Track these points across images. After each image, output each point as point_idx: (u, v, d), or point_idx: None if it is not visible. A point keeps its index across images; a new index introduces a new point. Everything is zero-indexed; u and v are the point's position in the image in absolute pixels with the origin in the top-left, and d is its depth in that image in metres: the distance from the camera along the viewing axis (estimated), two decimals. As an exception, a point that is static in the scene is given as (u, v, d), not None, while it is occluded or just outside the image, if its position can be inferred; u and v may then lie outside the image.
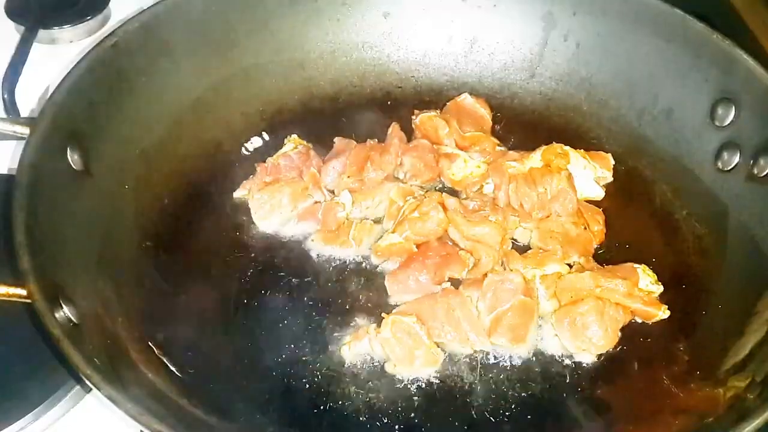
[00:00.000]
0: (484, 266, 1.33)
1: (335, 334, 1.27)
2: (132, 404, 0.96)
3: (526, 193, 1.40)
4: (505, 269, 1.34)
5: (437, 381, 1.23)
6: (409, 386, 1.22)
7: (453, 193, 1.45)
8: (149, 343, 1.20)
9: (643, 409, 1.20)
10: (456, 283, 1.32)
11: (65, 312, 1.05)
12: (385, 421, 1.18)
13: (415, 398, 1.21)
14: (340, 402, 1.20)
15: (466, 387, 1.23)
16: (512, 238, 1.40)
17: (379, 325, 1.25)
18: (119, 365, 1.08)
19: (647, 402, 1.21)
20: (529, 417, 1.20)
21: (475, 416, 1.19)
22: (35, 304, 1.01)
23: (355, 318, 1.29)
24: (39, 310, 1.00)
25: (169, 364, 1.19)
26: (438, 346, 1.25)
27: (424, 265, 1.31)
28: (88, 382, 0.97)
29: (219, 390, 1.19)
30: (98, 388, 0.96)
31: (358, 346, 1.24)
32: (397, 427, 1.17)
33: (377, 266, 1.37)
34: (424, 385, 1.22)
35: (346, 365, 1.24)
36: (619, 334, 1.27)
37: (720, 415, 1.11)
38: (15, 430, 1.19)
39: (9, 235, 1.06)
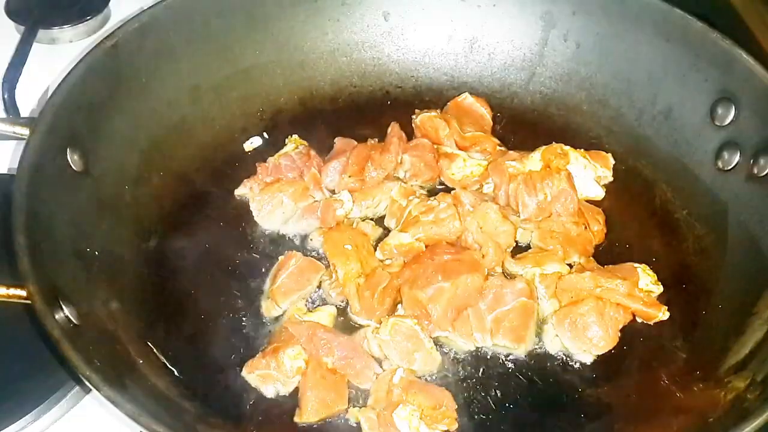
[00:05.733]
0: (488, 263, 1.33)
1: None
2: (131, 405, 0.96)
3: (525, 202, 1.40)
4: (504, 271, 1.34)
5: (437, 381, 1.23)
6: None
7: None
8: (149, 343, 1.20)
9: (643, 409, 1.20)
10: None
11: (65, 313, 1.05)
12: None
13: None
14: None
15: (466, 386, 1.23)
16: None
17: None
18: (119, 366, 1.08)
19: (647, 402, 1.21)
20: (529, 417, 1.20)
21: (475, 416, 1.19)
22: (35, 305, 1.01)
23: (356, 317, 1.30)
24: (39, 312, 1.00)
25: (168, 364, 1.19)
26: (439, 343, 1.26)
27: (437, 266, 1.30)
28: (87, 383, 0.98)
29: (219, 391, 1.19)
30: (98, 389, 0.96)
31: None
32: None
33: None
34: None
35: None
36: (619, 334, 1.27)
37: (720, 415, 1.11)
38: (15, 430, 1.19)
39: (9, 236, 1.06)
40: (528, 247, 1.40)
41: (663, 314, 1.28)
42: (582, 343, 1.24)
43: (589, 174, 1.46)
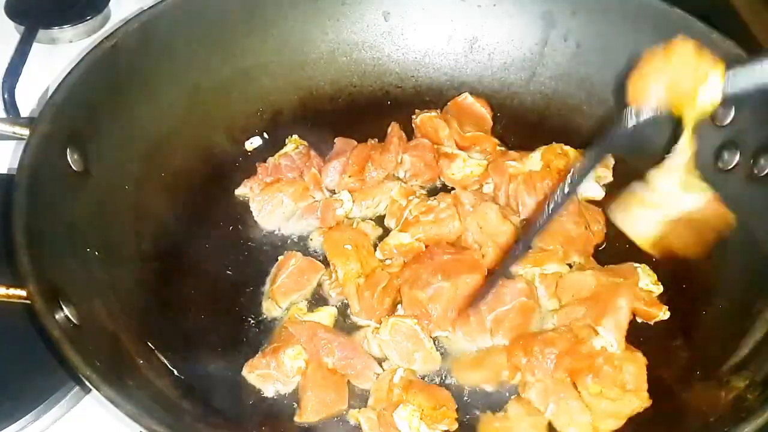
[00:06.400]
0: (488, 263, 1.33)
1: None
2: (131, 405, 0.96)
3: (525, 202, 1.40)
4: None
5: (436, 381, 1.23)
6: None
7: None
8: (149, 343, 1.20)
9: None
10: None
11: (65, 313, 1.05)
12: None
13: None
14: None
15: (466, 386, 1.23)
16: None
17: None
18: (119, 366, 1.08)
19: (647, 402, 1.21)
20: (529, 417, 1.20)
21: (474, 416, 1.19)
22: (35, 305, 1.01)
23: (356, 318, 1.30)
24: (39, 312, 1.00)
25: (168, 365, 1.19)
26: (439, 343, 1.26)
27: (437, 266, 1.30)
28: (87, 383, 0.98)
29: (219, 391, 1.19)
30: (98, 389, 0.96)
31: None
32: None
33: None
34: (424, 386, 1.22)
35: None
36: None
37: (720, 415, 1.10)
38: (15, 430, 1.19)
39: (9, 236, 1.06)
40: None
41: (663, 314, 1.28)
42: (582, 344, 1.24)
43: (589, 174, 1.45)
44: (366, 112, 1.59)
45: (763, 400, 1.04)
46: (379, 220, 1.44)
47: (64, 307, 1.05)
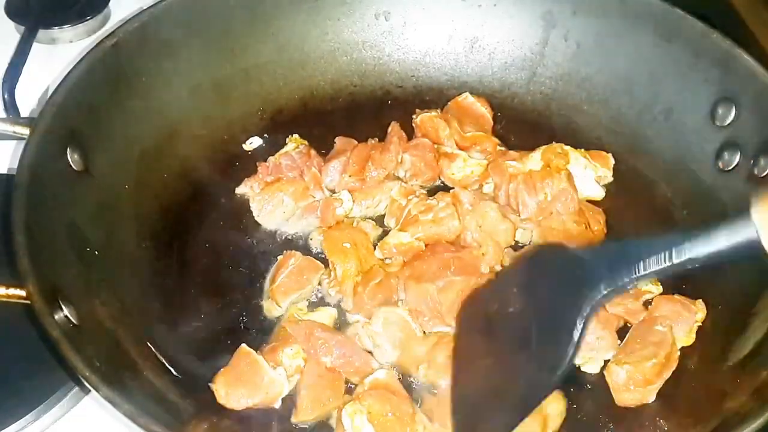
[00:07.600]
0: (488, 261, 1.33)
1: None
2: (130, 405, 0.96)
3: (525, 202, 1.40)
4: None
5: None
6: (408, 386, 1.22)
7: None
8: (149, 343, 1.20)
9: (641, 410, 1.20)
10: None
11: (64, 313, 1.05)
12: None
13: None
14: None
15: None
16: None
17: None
18: (118, 366, 1.08)
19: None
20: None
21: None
22: (34, 305, 1.01)
23: (350, 314, 1.30)
24: (38, 312, 1.01)
25: (168, 365, 1.19)
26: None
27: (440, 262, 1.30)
28: (86, 384, 0.98)
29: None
30: (97, 390, 0.96)
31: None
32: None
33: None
34: (423, 385, 1.22)
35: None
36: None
37: (720, 416, 1.11)
38: (15, 430, 1.19)
39: (9, 236, 1.06)
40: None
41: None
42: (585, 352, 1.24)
43: (589, 174, 1.46)
44: (366, 112, 1.59)
45: (762, 401, 1.04)
46: (379, 219, 1.44)
47: (63, 307, 1.05)
